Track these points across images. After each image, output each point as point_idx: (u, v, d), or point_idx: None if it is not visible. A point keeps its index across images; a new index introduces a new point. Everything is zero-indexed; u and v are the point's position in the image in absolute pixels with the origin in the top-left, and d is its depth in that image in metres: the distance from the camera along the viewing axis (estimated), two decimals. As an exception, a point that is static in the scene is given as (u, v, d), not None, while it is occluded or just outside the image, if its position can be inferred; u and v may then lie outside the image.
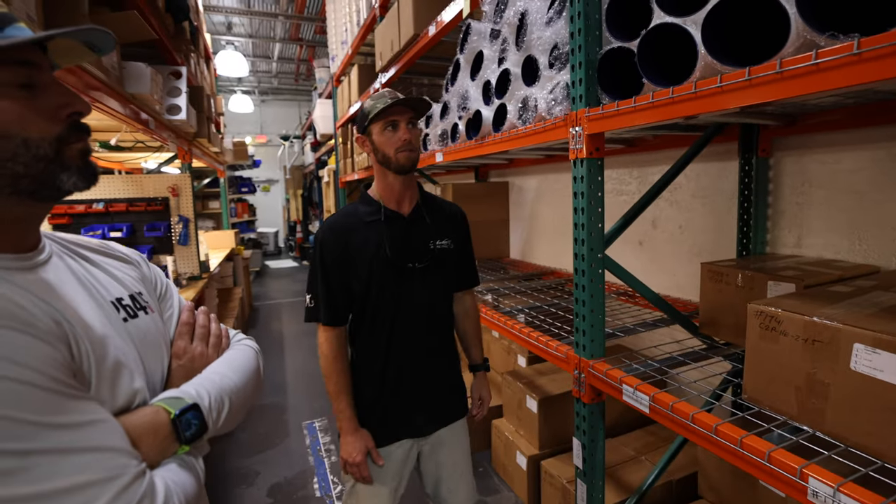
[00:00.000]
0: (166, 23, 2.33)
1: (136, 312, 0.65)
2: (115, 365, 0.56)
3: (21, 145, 0.49)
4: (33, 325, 0.47)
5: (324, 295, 1.28)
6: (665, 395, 1.13)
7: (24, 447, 0.42)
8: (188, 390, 0.61)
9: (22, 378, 0.44)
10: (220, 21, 7.47)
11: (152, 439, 0.54)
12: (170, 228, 2.84)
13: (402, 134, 1.23)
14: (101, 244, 0.71)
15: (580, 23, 1.26)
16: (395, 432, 1.32)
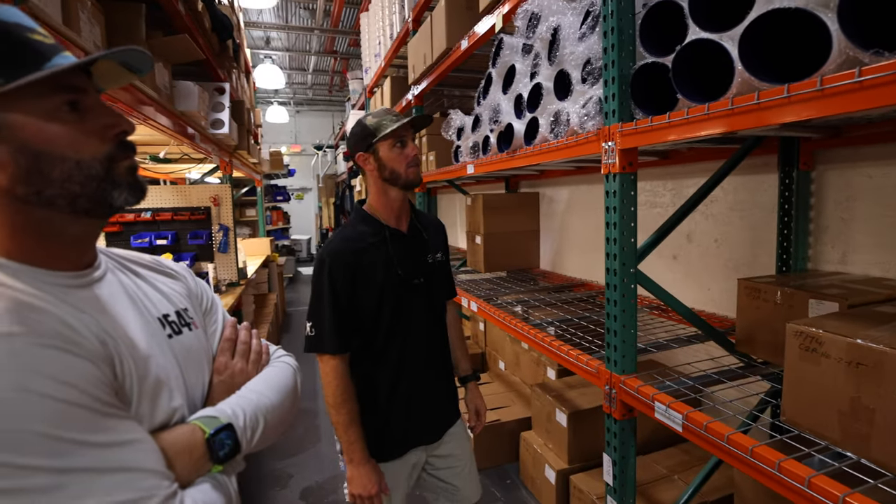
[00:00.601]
0: (211, 41, 2.46)
1: (180, 329, 0.66)
2: (156, 383, 0.57)
3: (74, 166, 0.52)
4: (78, 344, 0.49)
5: (332, 322, 1.22)
6: (699, 413, 1.11)
7: (61, 465, 0.43)
8: (224, 409, 0.62)
9: (64, 397, 0.45)
10: (259, 36, 7.78)
11: (187, 458, 0.55)
12: (211, 236, 2.97)
13: (410, 150, 1.27)
14: (152, 260, 0.73)
15: (614, 38, 1.27)
16: (408, 443, 1.33)
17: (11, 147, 0.49)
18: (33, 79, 0.48)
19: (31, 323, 0.47)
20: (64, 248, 0.55)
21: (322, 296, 1.24)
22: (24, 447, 0.42)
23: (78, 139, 0.52)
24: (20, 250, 0.52)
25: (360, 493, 1.23)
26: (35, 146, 0.49)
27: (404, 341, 1.30)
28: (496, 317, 2.15)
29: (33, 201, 0.51)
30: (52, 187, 0.51)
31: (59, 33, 0.96)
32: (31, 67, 0.48)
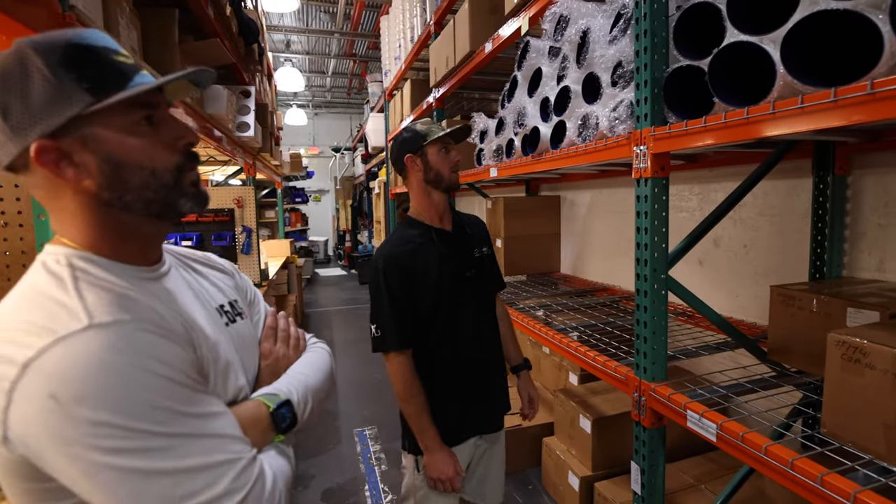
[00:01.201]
0: (238, 45, 2.50)
1: (234, 318, 0.73)
2: (225, 365, 0.64)
3: (150, 175, 0.57)
4: (170, 330, 0.55)
5: (393, 320, 1.30)
6: (734, 423, 1.09)
7: (168, 430, 0.50)
8: (281, 388, 0.69)
9: (167, 375, 0.52)
10: (279, 39, 7.89)
11: (255, 430, 0.62)
12: (234, 238, 3.01)
13: (455, 156, 1.38)
14: (203, 256, 0.79)
15: (646, 41, 1.25)
16: (466, 431, 1.40)
17: (98, 158, 0.55)
18: (119, 99, 0.53)
19: (134, 311, 0.53)
20: (139, 246, 0.61)
21: (381, 298, 1.32)
22: (141, 414, 0.49)
23: (153, 150, 0.57)
24: (107, 247, 0.58)
25: (438, 477, 1.31)
26: (118, 157, 0.55)
27: (460, 333, 1.36)
28: (518, 321, 2.14)
29: (116, 205, 0.57)
30: (131, 193, 0.57)
31: None
32: (116, 87, 0.54)
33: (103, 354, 0.48)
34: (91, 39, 0.55)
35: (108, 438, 0.47)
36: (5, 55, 0.52)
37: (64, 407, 0.47)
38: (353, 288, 8.32)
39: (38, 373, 0.47)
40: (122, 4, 1.16)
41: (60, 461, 0.48)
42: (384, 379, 3.92)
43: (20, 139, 0.52)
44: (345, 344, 4.97)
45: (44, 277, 0.54)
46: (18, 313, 0.51)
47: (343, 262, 11.34)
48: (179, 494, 0.49)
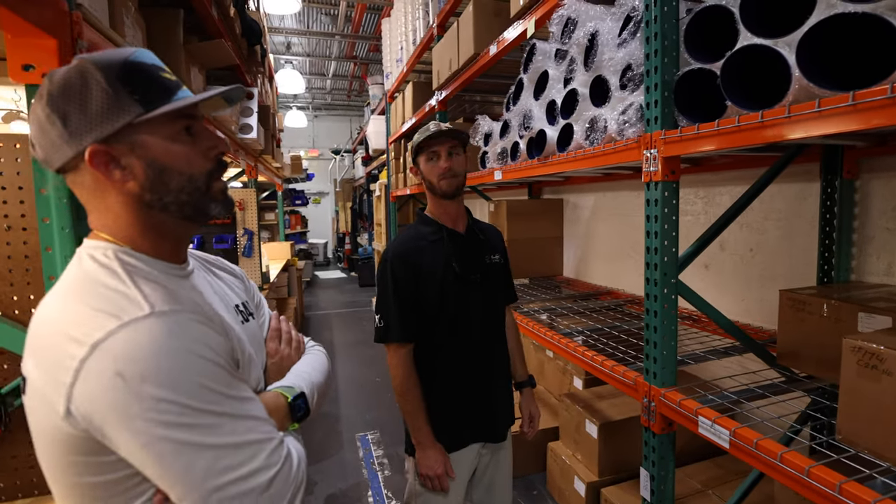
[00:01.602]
0: (241, 46, 2.49)
1: (247, 318, 0.78)
2: (249, 357, 0.70)
3: (187, 180, 0.63)
4: (211, 320, 0.61)
5: (397, 313, 1.32)
6: (748, 430, 1.07)
7: (217, 409, 0.56)
8: (295, 382, 0.75)
9: (214, 360, 0.57)
10: (280, 41, 7.88)
11: (276, 416, 0.67)
12: (236, 241, 2.99)
13: (443, 163, 1.35)
14: (216, 260, 0.84)
15: (657, 44, 1.25)
16: (467, 437, 1.39)
17: (143, 162, 0.60)
18: (166, 110, 0.60)
19: (182, 302, 0.59)
20: (173, 245, 0.67)
21: (387, 290, 1.34)
22: (196, 394, 0.54)
23: (191, 157, 0.64)
24: (148, 245, 0.64)
25: (427, 473, 1.32)
26: (161, 162, 0.61)
27: (463, 336, 1.36)
28: (522, 324, 2.13)
29: (156, 206, 0.62)
30: (170, 195, 0.62)
31: (107, 36, 0.98)
32: (163, 100, 0.61)
33: (164, 339, 0.54)
34: (143, 58, 0.61)
35: (167, 414, 0.52)
36: (68, 69, 0.58)
37: (130, 384, 0.52)
38: (352, 291, 8.29)
39: (107, 353, 0.52)
40: (128, 4, 1.15)
41: (123, 434, 0.52)
42: (385, 381, 3.90)
43: (76, 143, 0.58)
44: (345, 346, 4.95)
45: (96, 268, 0.59)
46: (81, 299, 0.56)
47: (343, 264, 11.31)
48: (222, 466, 0.54)
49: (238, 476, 0.55)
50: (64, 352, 0.53)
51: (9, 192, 1.21)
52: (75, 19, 0.84)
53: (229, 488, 0.55)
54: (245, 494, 0.55)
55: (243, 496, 0.55)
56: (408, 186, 4.87)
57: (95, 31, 0.94)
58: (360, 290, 8.22)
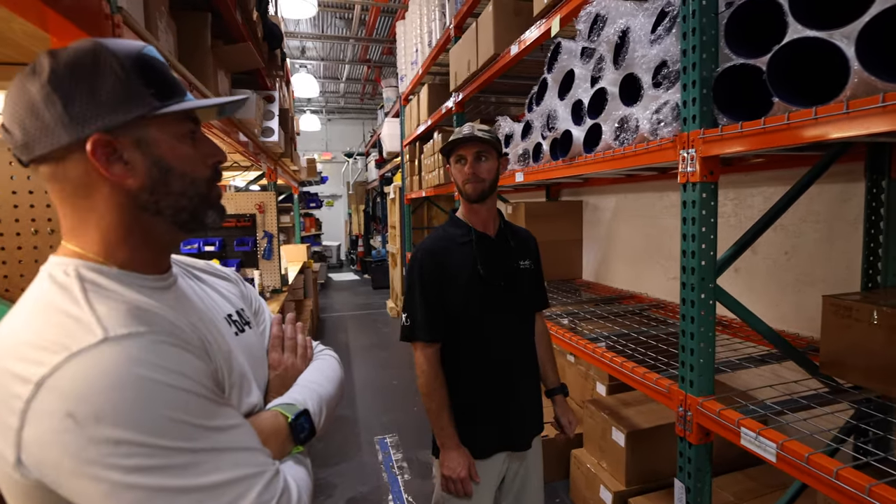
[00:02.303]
0: (263, 50, 2.49)
1: (242, 327, 0.71)
2: (240, 375, 0.63)
3: (190, 183, 0.59)
4: (187, 342, 0.54)
5: (423, 313, 1.31)
6: (797, 443, 1.02)
7: (193, 446, 0.48)
8: (297, 398, 0.68)
9: (187, 387, 0.50)
10: (295, 46, 7.94)
11: (275, 441, 0.60)
12: (256, 243, 3.00)
13: (468, 168, 1.34)
14: (205, 264, 0.78)
15: (695, 39, 1.20)
16: (494, 446, 1.36)
17: (148, 160, 0.56)
18: (182, 108, 0.57)
19: (149, 322, 0.51)
20: (155, 254, 0.61)
21: (414, 290, 1.33)
22: (164, 431, 0.47)
23: (196, 160, 0.60)
24: (123, 253, 0.57)
25: (450, 476, 1.29)
26: (167, 161, 0.57)
27: (486, 340, 1.34)
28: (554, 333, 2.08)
29: (149, 209, 0.57)
30: (169, 199, 0.57)
31: (144, 38, 0.97)
32: (176, 98, 0.57)
33: (120, 369, 0.47)
34: (155, 53, 0.58)
35: (130, 457, 0.45)
36: (78, 49, 0.52)
37: (82, 426, 0.44)
38: (366, 293, 8.30)
39: (53, 391, 0.45)
40: (161, 8, 1.15)
41: (80, 483, 0.45)
42: (402, 384, 3.87)
43: (77, 129, 0.52)
44: (361, 349, 4.94)
45: (51, 289, 0.52)
46: (28, 328, 0.49)
47: (356, 266, 11.34)
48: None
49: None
50: (9, 392, 0.46)
51: (35, 196, 1.20)
52: (116, 22, 0.83)
53: None
54: None
55: None
56: (423, 189, 4.85)
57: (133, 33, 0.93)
58: (373, 293, 8.22)
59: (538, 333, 1.51)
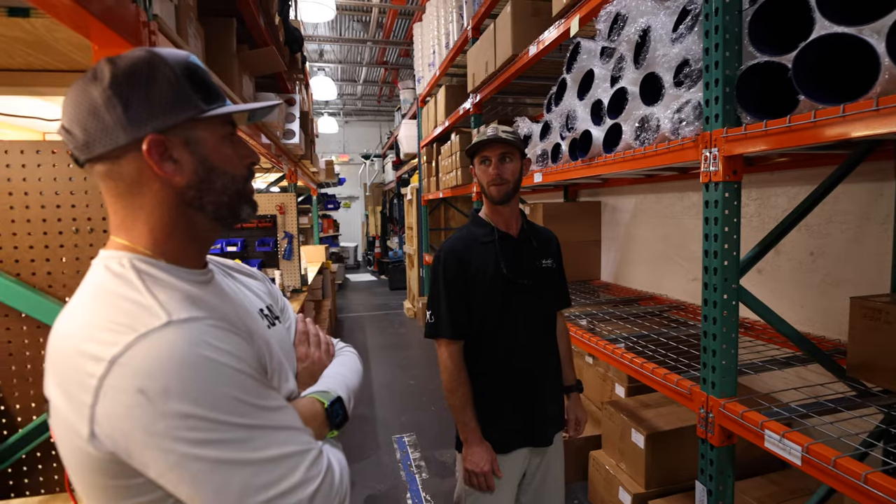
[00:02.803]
0: (284, 54, 2.53)
1: (273, 322, 0.75)
2: (279, 363, 0.67)
3: (231, 180, 0.63)
4: (238, 328, 0.57)
5: (447, 310, 1.32)
6: (823, 446, 1.00)
7: (248, 422, 0.52)
8: (331, 386, 0.72)
9: (241, 368, 0.54)
10: (313, 49, 8.05)
11: (314, 424, 0.63)
12: (277, 244, 3.05)
13: (492, 170, 1.34)
14: (235, 264, 0.82)
15: (717, 37, 1.19)
16: (517, 440, 1.37)
17: (195, 158, 0.60)
18: (226, 111, 0.61)
19: (203, 308, 0.55)
20: (197, 249, 0.65)
21: (438, 287, 1.35)
22: (224, 407, 0.51)
23: (235, 160, 0.64)
24: (171, 248, 0.61)
25: (473, 470, 1.30)
26: (211, 160, 0.61)
27: (509, 339, 1.34)
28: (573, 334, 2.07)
29: (194, 205, 0.61)
30: (211, 195, 0.61)
31: (175, 44, 1.01)
32: (219, 102, 0.61)
33: (184, 349, 0.50)
34: (197, 62, 0.62)
35: (194, 430, 0.49)
36: (135, 56, 0.57)
37: (152, 401, 0.48)
38: (383, 294, 8.35)
39: (125, 368, 0.49)
40: (191, 15, 1.19)
41: (149, 454, 0.49)
42: (419, 384, 3.89)
43: (134, 131, 0.56)
44: (378, 349, 4.97)
45: (110, 279, 0.56)
46: (94, 314, 0.53)
47: (373, 267, 11.42)
48: (259, 484, 0.51)
49: (277, 493, 0.52)
50: (82, 370, 0.50)
51: (90, 196, 1.24)
52: (152, 29, 0.87)
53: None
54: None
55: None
56: (440, 190, 4.86)
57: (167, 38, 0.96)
58: (390, 294, 8.27)
59: (559, 332, 1.51)
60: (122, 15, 0.77)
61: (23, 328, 1.21)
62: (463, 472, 1.34)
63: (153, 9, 0.86)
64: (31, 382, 1.23)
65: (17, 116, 1.56)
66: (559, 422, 1.46)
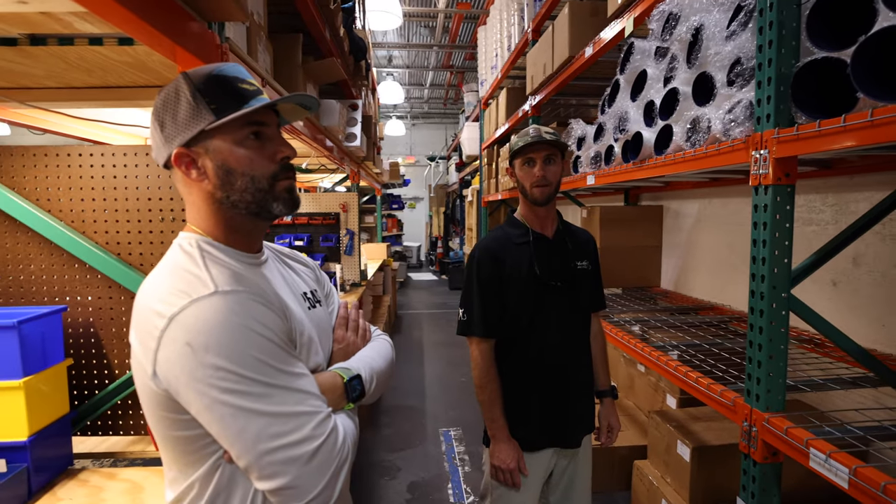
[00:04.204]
0: (348, 62, 2.70)
1: (314, 304, 0.84)
2: (308, 339, 0.75)
3: (250, 181, 0.70)
4: (272, 303, 0.67)
5: (479, 309, 1.36)
6: (874, 471, 0.93)
7: (268, 380, 0.62)
8: (354, 365, 0.80)
9: (268, 336, 0.63)
10: (382, 55, 8.38)
11: (332, 395, 0.72)
12: (339, 240, 3.24)
13: (537, 171, 1.35)
14: (291, 252, 0.93)
15: (771, 34, 1.14)
16: (544, 440, 1.38)
17: (215, 164, 0.68)
18: (232, 118, 0.66)
19: (246, 284, 0.66)
20: (244, 237, 0.74)
21: (472, 286, 1.38)
22: (250, 365, 0.61)
23: (254, 161, 0.69)
24: (221, 235, 0.72)
25: (499, 466, 1.33)
26: (228, 164, 0.68)
27: (540, 339, 1.36)
28: (611, 334, 2.04)
29: (225, 203, 0.70)
30: (236, 194, 0.70)
31: (244, 60, 1.15)
32: (233, 108, 0.67)
33: (224, 315, 0.61)
34: (226, 71, 0.69)
35: (224, 381, 0.59)
36: (171, 83, 0.68)
37: (196, 352, 0.59)
38: (443, 293, 8.49)
39: (180, 325, 0.60)
40: (261, 34, 1.35)
41: (190, 395, 0.60)
42: (469, 382, 3.95)
43: (169, 146, 0.68)
44: (434, 346, 5.09)
45: (181, 255, 0.68)
46: (165, 281, 0.65)
47: (434, 267, 11.63)
48: (271, 433, 0.61)
49: (285, 443, 0.61)
50: (151, 323, 0.61)
51: (163, 192, 1.45)
52: (224, 50, 1.01)
53: (277, 453, 0.60)
54: (292, 461, 0.61)
55: (289, 462, 0.61)
56: (499, 192, 4.89)
57: (236, 56, 1.11)
58: (450, 293, 8.39)
59: (593, 334, 1.50)
60: (199, 40, 0.92)
61: (121, 297, 1.44)
62: (490, 467, 1.37)
63: (226, 32, 1.00)
64: (126, 341, 1.45)
65: (124, 125, 1.82)
66: (588, 424, 1.45)
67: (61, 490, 1.06)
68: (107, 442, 1.26)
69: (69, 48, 1.03)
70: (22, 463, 1.01)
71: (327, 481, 0.63)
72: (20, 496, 1.00)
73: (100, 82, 1.26)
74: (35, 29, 0.97)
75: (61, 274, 1.34)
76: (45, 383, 1.07)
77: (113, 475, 1.12)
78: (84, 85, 1.28)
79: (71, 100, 1.34)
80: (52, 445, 1.09)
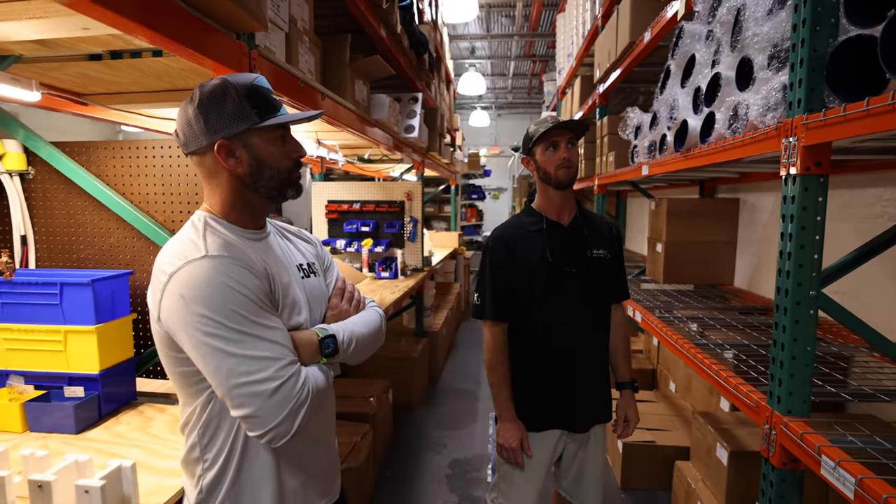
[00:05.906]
0: (409, 57, 2.84)
1: (309, 275, 0.99)
2: (292, 302, 0.89)
3: (276, 172, 0.87)
4: (254, 268, 0.82)
5: (491, 294, 1.42)
6: (880, 482, 0.87)
7: (243, 329, 0.76)
8: (333, 327, 0.92)
9: (246, 294, 0.78)
10: (465, 47, 8.45)
11: (307, 349, 0.86)
12: (403, 227, 3.44)
13: (562, 153, 1.38)
14: (296, 229, 1.07)
15: (806, 11, 1.06)
16: (550, 419, 1.42)
17: (250, 156, 0.84)
18: (274, 122, 0.83)
19: (231, 252, 0.81)
20: (253, 216, 0.90)
21: (485, 271, 1.45)
22: (228, 315, 0.75)
23: (281, 157, 0.86)
24: (235, 214, 0.87)
25: (503, 444, 1.42)
26: (262, 157, 0.84)
27: (552, 320, 1.40)
28: (658, 329, 1.98)
29: (251, 187, 0.86)
30: (262, 181, 0.86)
31: (278, 66, 1.34)
32: (271, 114, 0.84)
33: (210, 274, 0.76)
34: (262, 83, 0.85)
35: (206, 326, 0.75)
36: (214, 84, 0.82)
37: (187, 303, 0.75)
38: (517, 284, 8.45)
39: (176, 280, 0.76)
40: (303, 38, 1.52)
41: (182, 336, 0.76)
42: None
43: (210, 136, 0.81)
44: (498, 335, 5.15)
45: (190, 228, 0.85)
46: (173, 247, 0.82)
47: (512, 258, 11.55)
48: (240, 371, 0.75)
49: (250, 380, 0.75)
50: (158, 279, 0.78)
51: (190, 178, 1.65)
52: (253, 56, 1.19)
53: (244, 388, 0.74)
54: (255, 395, 0.75)
55: (253, 396, 0.75)
56: (571, 182, 4.78)
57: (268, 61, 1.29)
58: (523, 285, 8.33)
59: (615, 325, 1.50)
60: (229, 52, 1.10)
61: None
62: (496, 445, 1.45)
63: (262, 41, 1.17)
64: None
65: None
66: (602, 414, 1.46)
67: (123, 416, 1.33)
68: (166, 385, 1.51)
69: (139, 60, 1.27)
70: (94, 391, 1.28)
71: (285, 415, 0.76)
72: (92, 417, 1.28)
73: (168, 86, 1.52)
74: (110, 46, 1.22)
75: (132, 245, 1.63)
76: (114, 331, 1.32)
77: (163, 409, 1.37)
78: (157, 89, 1.54)
79: (150, 101, 1.64)
80: (118, 381, 1.35)
